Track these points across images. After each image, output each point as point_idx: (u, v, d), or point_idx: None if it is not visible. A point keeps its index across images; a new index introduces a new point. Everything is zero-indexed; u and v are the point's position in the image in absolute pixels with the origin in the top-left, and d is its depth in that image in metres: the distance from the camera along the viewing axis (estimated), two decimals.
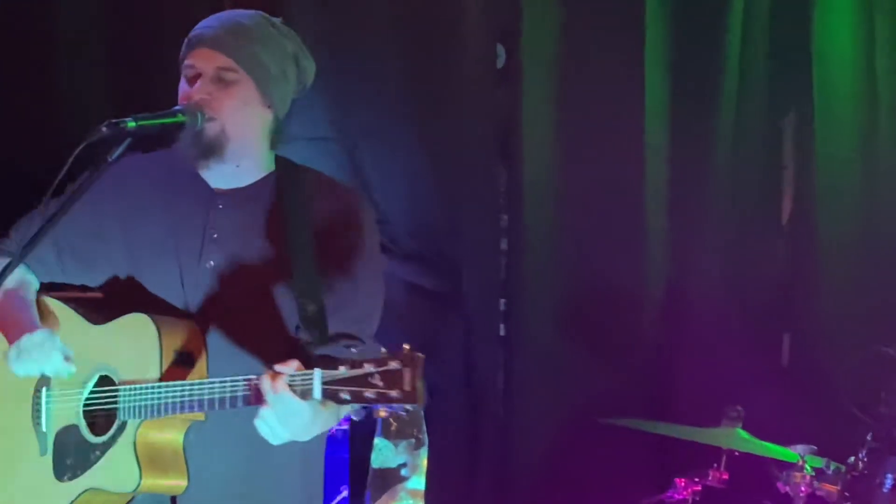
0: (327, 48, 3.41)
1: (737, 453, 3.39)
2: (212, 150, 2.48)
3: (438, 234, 3.92)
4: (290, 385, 2.15)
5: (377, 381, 2.05)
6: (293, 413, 2.17)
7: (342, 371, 2.09)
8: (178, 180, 2.57)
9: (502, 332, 4.08)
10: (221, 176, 2.52)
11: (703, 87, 4.13)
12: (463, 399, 4.03)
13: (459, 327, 3.99)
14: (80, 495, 2.50)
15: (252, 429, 2.29)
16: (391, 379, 2.03)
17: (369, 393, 2.05)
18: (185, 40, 2.50)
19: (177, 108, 2.41)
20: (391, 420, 3.87)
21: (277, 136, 2.58)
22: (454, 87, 3.95)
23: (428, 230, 3.90)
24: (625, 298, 4.03)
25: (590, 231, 4.06)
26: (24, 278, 2.64)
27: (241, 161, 2.51)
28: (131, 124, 2.33)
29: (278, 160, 2.59)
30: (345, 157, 3.82)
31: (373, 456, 3.91)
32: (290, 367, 2.17)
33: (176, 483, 2.51)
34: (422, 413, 3.90)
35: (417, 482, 3.99)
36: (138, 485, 2.43)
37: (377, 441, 3.91)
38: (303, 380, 2.14)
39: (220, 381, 2.30)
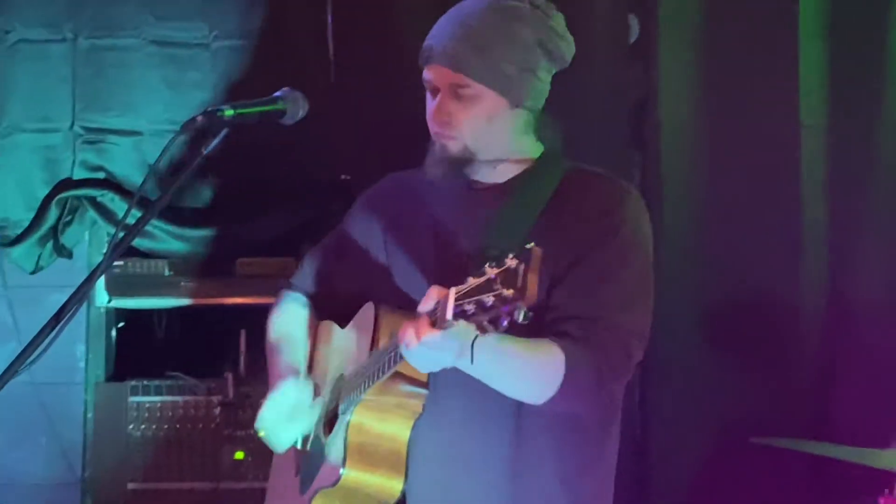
0: None
1: None
2: (459, 166, 2.60)
3: None
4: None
5: (497, 284, 2.06)
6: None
7: (468, 281, 2.12)
8: (429, 189, 2.72)
9: None
10: (479, 173, 2.64)
11: (867, 60, 4.03)
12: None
13: None
14: (311, 501, 2.65)
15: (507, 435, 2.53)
16: (508, 278, 2.04)
17: (488, 298, 2.06)
18: (421, 49, 2.61)
19: (277, 94, 2.49)
20: None
21: (542, 127, 2.67)
22: (580, 64, 3.91)
23: None
24: (778, 302, 3.98)
25: (737, 225, 4.02)
26: (299, 304, 2.97)
27: (497, 164, 2.62)
28: (229, 112, 2.42)
29: (545, 155, 2.68)
30: None
31: None
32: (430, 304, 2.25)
33: (388, 483, 2.59)
34: None
35: None
36: (339, 477, 2.55)
37: None
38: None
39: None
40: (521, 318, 2.05)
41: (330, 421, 2.75)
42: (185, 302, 4.11)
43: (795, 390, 3.99)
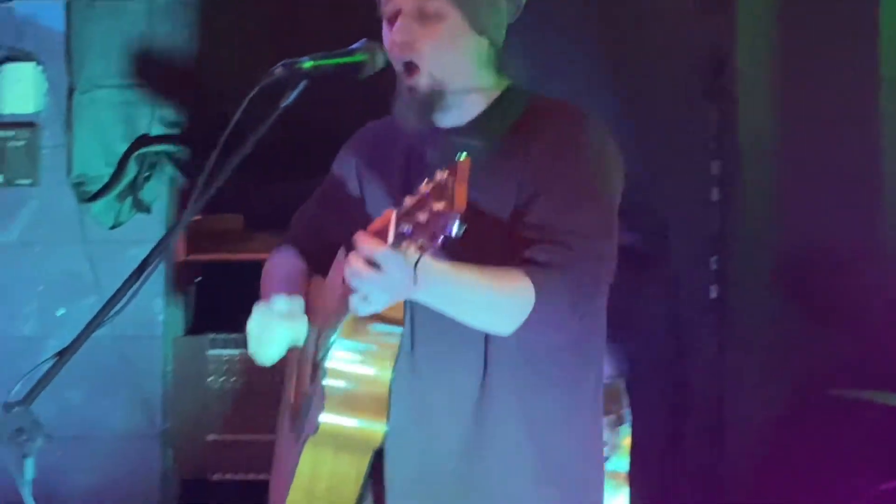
0: None
1: None
2: (430, 105, 2.58)
3: (640, 185, 3.88)
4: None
5: (431, 200, 2.07)
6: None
7: (405, 202, 2.13)
8: (402, 133, 2.69)
9: (714, 295, 4.05)
10: (447, 115, 2.61)
11: None
12: (669, 371, 4.07)
13: (665, 290, 4.03)
14: (301, 461, 2.62)
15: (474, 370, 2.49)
16: (439, 193, 2.05)
17: (423, 215, 2.07)
18: None
19: (355, 45, 2.49)
20: None
21: (499, 63, 2.63)
22: (653, 15, 3.97)
23: (628, 180, 3.86)
24: (858, 253, 3.97)
25: (816, 178, 4.00)
26: (292, 255, 2.94)
27: (464, 102, 2.59)
28: (307, 64, 2.44)
29: (508, 90, 2.66)
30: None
31: None
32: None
33: (370, 426, 2.56)
34: (623, 386, 3.92)
35: (619, 463, 3.96)
36: (317, 426, 2.52)
37: None
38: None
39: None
40: (454, 231, 2.04)
41: (314, 371, 2.74)
42: (261, 256, 4.16)
43: (875, 343, 3.96)
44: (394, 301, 2.36)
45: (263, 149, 3.10)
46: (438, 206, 2.04)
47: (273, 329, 2.73)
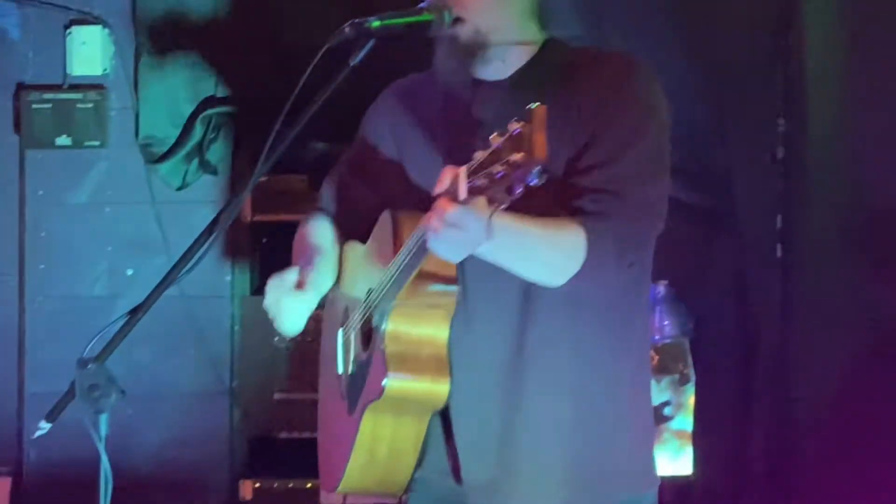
0: None
1: None
2: (472, 54, 2.58)
3: (705, 143, 3.94)
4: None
5: (505, 153, 2.08)
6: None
7: (475, 157, 2.14)
8: (441, 87, 2.71)
9: (779, 253, 4.02)
10: (486, 69, 2.62)
11: None
12: (734, 329, 4.05)
13: (730, 248, 4.00)
14: (361, 427, 2.65)
15: (514, 325, 2.51)
16: (515, 144, 2.06)
17: (497, 168, 2.08)
18: None
19: (422, 5, 2.50)
20: (652, 353, 3.93)
21: (542, 14, 2.65)
22: None
23: (693, 138, 3.84)
24: None
25: (883, 135, 3.90)
26: (322, 221, 2.96)
27: (506, 54, 2.60)
28: (375, 24, 2.45)
29: (549, 42, 2.66)
30: None
31: None
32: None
33: (435, 387, 2.58)
34: (687, 345, 3.98)
35: (683, 422, 4.03)
36: (383, 388, 2.53)
37: None
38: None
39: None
40: (535, 180, 2.06)
41: (367, 336, 2.74)
42: None
43: None
44: (467, 255, 2.35)
45: (328, 109, 3.12)
46: (516, 157, 2.04)
47: (283, 302, 2.75)
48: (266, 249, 4.31)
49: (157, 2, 4.44)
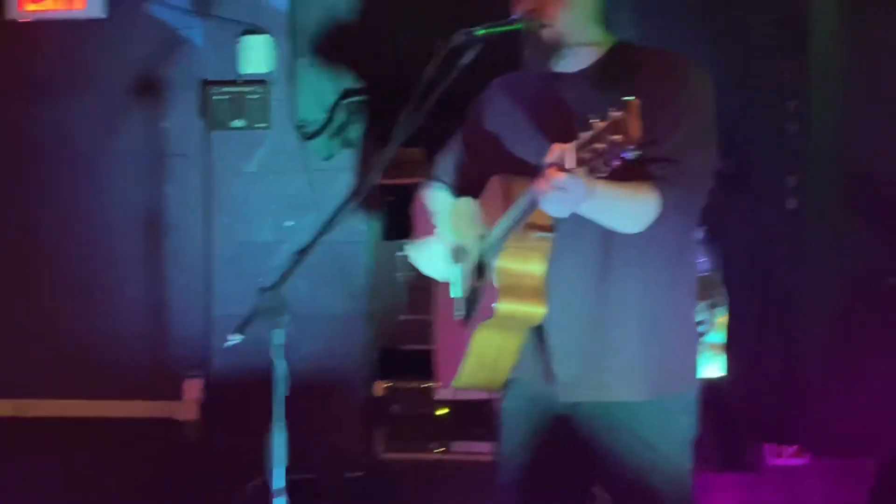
0: None
1: None
2: (553, 51, 2.66)
3: (730, 120, 3.53)
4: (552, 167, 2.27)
5: (606, 133, 2.13)
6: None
7: (580, 136, 2.17)
8: (532, 79, 2.79)
9: (791, 206, 4.06)
10: (565, 64, 2.70)
11: None
12: (756, 265, 4.13)
13: (751, 203, 4.06)
14: (475, 334, 2.71)
15: (597, 261, 2.59)
16: (614, 127, 2.11)
17: (600, 145, 2.13)
18: None
19: (514, 17, 2.61)
20: None
21: (605, 16, 2.71)
22: None
23: (720, 117, 3.58)
24: None
25: (873, 112, 3.98)
26: (435, 189, 3.06)
27: (580, 51, 2.68)
28: (480, 32, 2.57)
29: (617, 43, 2.73)
30: None
31: None
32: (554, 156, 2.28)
33: (534, 310, 2.64)
34: (719, 277, 4.07)
35: (716, 337, 4.11)
36: (495, 310, 2.60)
37: None
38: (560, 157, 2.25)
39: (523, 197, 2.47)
40: (630, 156, 2.12)
41: (479, 271, 2.77)
42: None
43: None
44: (570, 212, 2.38)
45: (441, 96, 3.31)
46: (616, 137, 2.10)
47: (431, 258, 2.92)
48: (391, 206, 4.31)
49: (309, 17, 4.48)
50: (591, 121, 2.13)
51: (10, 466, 4.51)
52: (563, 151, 2.22)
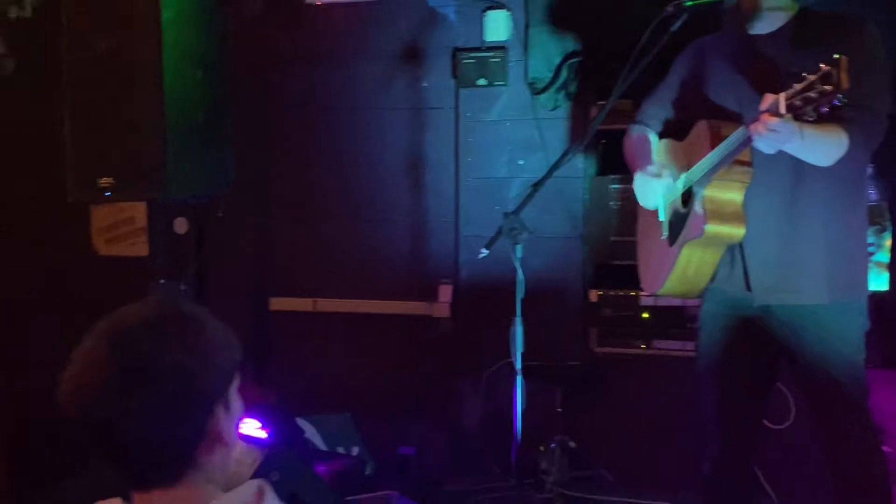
0: None
1: None
2: (751, 15, 2.69)
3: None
4: (769, 114, 2.28)
5: (817, 84, 2.15)
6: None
7: (794, 88, 2.20)
8: (731, 40, 2.82)
9: None
10: (759, 26, 2.73)
11: None
12: None
13: None
14: (681, 251, 2.78)
15: (788, 190, 2.57)
16: (825, 79, 2.14)
17: (812, 94, 2.15)
18: None
19: None
20: None
21: None
22: None
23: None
24: None
25: None
26: (643, 132, 3.12)
27: (773, 15, 2.70)
28: (689, 3, 2.67)
29: (802, 9, 2.73)
30: None
31: None
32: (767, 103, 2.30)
33: (735, 230, 2.67)
34: (886, 206, 3.91)
35: (883, 256, 4.02)
36: (703, 230, 2.66)
37: None
38: (776, 106, 2.28)
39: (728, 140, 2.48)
40: (837, 103, 2.13)
41: (685, 198, 2.78)
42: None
43: None
44: (777, 150, 2.42)
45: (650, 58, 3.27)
46: (826, 87, 2.13)
47: (651, 187, 2.93)
48: (604, 147, 4.28)
49: None
50: (802, 74, 2.16)
51: (305, 350, 4.81)
52: (777, 99, 2.22)
